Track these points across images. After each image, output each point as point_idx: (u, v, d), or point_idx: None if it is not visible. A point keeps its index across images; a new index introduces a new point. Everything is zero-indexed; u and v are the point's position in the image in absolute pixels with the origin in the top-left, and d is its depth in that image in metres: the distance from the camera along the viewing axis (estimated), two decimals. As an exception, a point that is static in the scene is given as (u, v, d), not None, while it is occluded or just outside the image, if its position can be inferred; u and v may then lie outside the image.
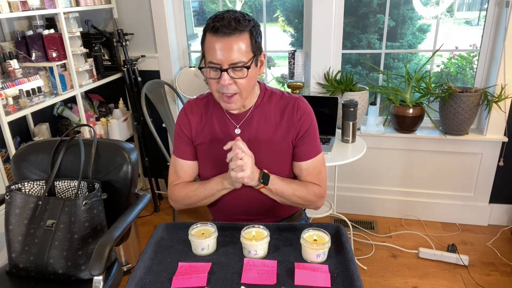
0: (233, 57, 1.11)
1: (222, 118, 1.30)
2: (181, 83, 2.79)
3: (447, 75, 2.87)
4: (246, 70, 1.14)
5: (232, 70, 1.13)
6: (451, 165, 2.58)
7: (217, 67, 1.13)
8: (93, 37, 2.61)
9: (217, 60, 1.12)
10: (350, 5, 2.63)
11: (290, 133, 1.28)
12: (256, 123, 1.28)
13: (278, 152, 1.29)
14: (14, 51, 2.20)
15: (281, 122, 1.28)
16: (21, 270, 1.42)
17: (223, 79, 1.13)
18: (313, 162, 1.30)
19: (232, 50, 1.11)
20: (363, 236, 2.58)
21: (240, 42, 1.11)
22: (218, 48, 1.11)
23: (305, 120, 1.28)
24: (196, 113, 1.32)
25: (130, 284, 1.01)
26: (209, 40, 1.12)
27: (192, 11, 2.91)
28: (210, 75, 1.16)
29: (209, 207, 1.45)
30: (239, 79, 1.15)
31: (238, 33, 1.10)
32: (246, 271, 1.03)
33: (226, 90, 1.16)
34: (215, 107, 1.31)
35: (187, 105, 1.34)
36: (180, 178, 1.36)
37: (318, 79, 2.61)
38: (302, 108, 1.28)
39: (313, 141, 1.30)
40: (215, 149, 1.29)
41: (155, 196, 3.00)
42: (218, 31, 1.09)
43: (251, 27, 1.13)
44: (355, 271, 1.03)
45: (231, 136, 1.28)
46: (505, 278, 2.18)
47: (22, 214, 1.42)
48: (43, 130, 2.44)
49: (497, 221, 2.65)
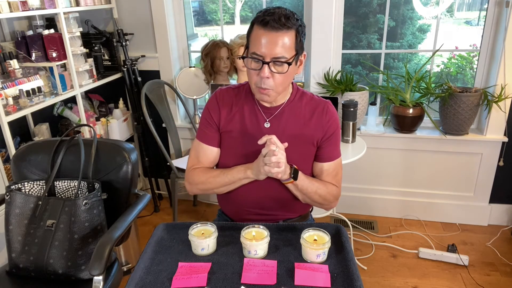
0: (276, 52, 1.14)
1: (254, 110, 1.32)
2: (181, 83, 2.79)
3: (447, 75, 2.87)
4: (287, 66, 1.17)
5: (273, 64, 1.16)
6: (451, 165, 2.58)
7: (260, 58, 1.16)
8: (93, 37, 2.61)
9: (261, 52, 1.15)
10: (350, 5, 2.63)
11: (317, 133, 1.32)
12: (285, 119, 1.31)
13: (303, 150, 1.32)
14: (14, 51, 2.20)
15: (310, 121, 1.32)
16: (21, 270, 1.42)
17: (263, 72, 1.16)
18: (333, 164, 1.35)
19: (277, 45, 1.14)
20: (363, 236, 2.58)
21: (285, 38, 1.14)
22: (264, 41, 1.14)
23: (332, 123, 1.33)
24: (227, 101, 1.34)
25: (130, 284, 1.01)
26: (256, 32, 1.16)
27: (192, 11, 2.91)
28: (251, 66, 1.19)
29: (220, 198, 1.45)
30: (278, 74, 1.18)
31: (285, 29, 1.14)
32: (246, 271, 1.03)
33: (263, 85, 1.19)
34: (248, 98, 1.33)
35: (219, 92, 1.37)
36: (201, 162, 1.37)
37: (318, 79, 2.61)
38: (330, 112, 1.33)
39: (336, 144, 1.35)
40: (242, 139, 1.32)
41: (155, 196, 3.00)
42: (267, 24, 1.13)
43: (298, 26, 1.17)
44: (355, 271, 1.03)
45: (260, 129, 1.31)
46: (505, 278, 2.18)
47: (22, 214, 1.42)
48: (43, 130, 2.44)
49: (497, 221, 2.65)
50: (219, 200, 1.47)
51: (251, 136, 1.30)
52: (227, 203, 1.44)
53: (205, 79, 2.70)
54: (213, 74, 2.63)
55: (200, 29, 3.10)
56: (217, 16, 3.01)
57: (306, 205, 1.41)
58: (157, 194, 3.06)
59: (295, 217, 1.43)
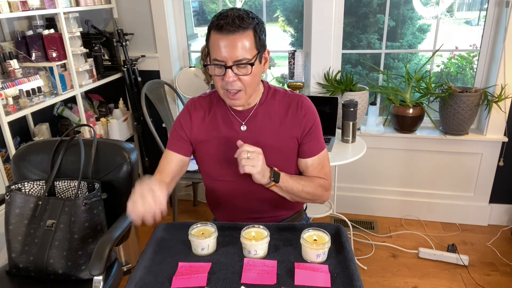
0: (237, 54, 1.13)
1: (227, 116, 1.30)
2: (181, 83, 2.79)
3: (447, 75, 2.87)
4: (250, 67, 1.16)
5: (237, 67, 1.15)
6: (451, 165, 2.58)
7: (222, 64, 1.15)
8: (93, 37, 2.61)
9: (222, 57, 1.13)
10: (350, 5, 2.63)
11: (295, 130, 1.29)
12: (261, 119, 1.30)
13: (284, 149, 1.30)
14: (14, 51, 2.20)
15: (285, 119, 1.29)
16: (21, 270, 1.42)
17: (227, 76, 1.15)
18: (317, 158, 1.33)
19: (236, 47, 1.12)
20: (363, 236, 2.58)
21: (244, 39, 1.13)
22: (222, 46, 1.12)
23: (309, 117, 1.30)
24: (199, 110, 1.33)
25: (130, 284, 1.01)
26: (214, 37, 1.14)
27: (192, 11, 2.91)
28: (215, 72, 1.18)
29: (211, 208, 1.45)
30: (243, 76, 1.16)
31: (242, 31, 1.12)
32: (246, 271, 1.03)
33: (231, 87, 1.17)
34: (219, 105, 1.32)
35: (190, 103, 1.35)
36: (160, 171, 1.31)
37: (318, 79, 2.61)
38: (305, 106, 1.30)
39: (317, 138, 1.32)
40: (221, 146, 1.30)
41: (155, 196, 3.00)
42: (222, 28, 1.11)
43: (255, 24, 1.15)
44: (355, 271, 1.03)
45: (237, 133, 1.29)
46: (505, 278, 2.18)
47: (22, 214, 1.42)
48: (43, 130, 2.44)
49: (497, 221, 2.65)
50: (211, 209, 1.46)
51: (230, 142, 1.27)
52: (218, 213, 1.44)
53: (205, 79, 2.69)
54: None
55: (200, 29, 3.10)
56: (217, 16, 3.00)
57: (293, 206, 1.40)
58: (157, 194, 3.06)
59: (293, 214, 1.42)
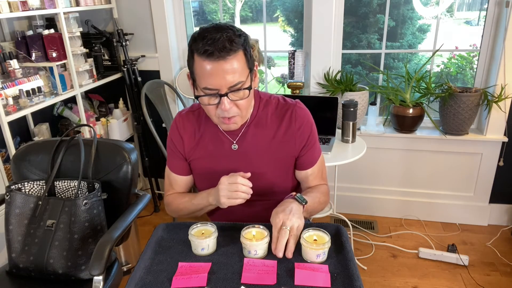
0: (232, 80, 1.03)
1: (217, 135, 1.24)
2: (181, 83, 2.79)
3: (447, 75, 2.87)
4: (248, 91, 1.08)
5: (232, 94, 1.06)
6: (451, 165, 2.58)
7: (214, 92, 1.05)
8: (93, 37, 2.61)
9: (214, 85, 1.03)
10: (350, 5, 2.63)
11: (290, 144, 1.23)
12: (252, 136, 1.23)
13: (279, 163, 1.26)
14: (14, 51, 2.20)
15: (278, 133, 1.23)
16: (21, 270, 1.42)
17: (223, 104, 1.05)
18: (317, 166, 1.30)
19: (230, 73, 1.02)
20: (363, 236, 2.58)
21: (236, 62, 1.02)
22: (213, 73, 1.02)
23: (304, 128, 1.23)
24: (188, 128, 1.26)
25: (130, 284, 1.01)
26: (200, 64, 1.03)
27: (192, 11, 2.91)
28: (208, 102, 1.08)
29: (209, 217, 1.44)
30: (240, 101, 1.08)
31: (233, 53, 1.01)
32: (246, 271, 1.03)
33: (228, 115, 1.09)
34: (208, 123, 1.24)
35: (178, 119, 1.28)
36: (174, 189, 1.35)
37: (318, 79, 2.61)
38: (300, 117, 1.23)
39: (314, 147, 1.28)
40: (211, 164, 1.26)
41: (155, 196, 3.00)
42: (212, 55, 1.00)
43: (243, 41, 1.05)
44: (355, 271, 1.03)
45: (228, 152, 1.24)
46: (505, 278, 2.18)
47: (22, 214, 1.42)
48: (43, 130, 2.44)
49: (497, 221, 2.65)
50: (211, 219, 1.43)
51: (220, 161, 1.22)
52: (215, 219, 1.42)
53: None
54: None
55: (200, 29, 3.10)
56: (217, 16, 3.01)
57: None
58: (157, 194, 3.06)
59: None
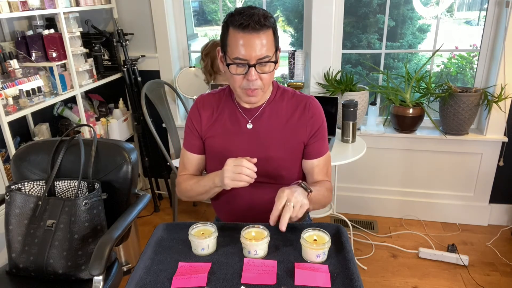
0: (261, 53, 1.14)
1: (234, 113, 1.31)
2: (181, 83, 2.79)
3: (447, 75, 2.87)
4: (273, 64, 1.18)
5: (259, 66, 1.16)
6: (451, 165, 2.58)
7: (244, 62, 1.15)
8: (93, 37, 2.61)
9: (245, 56, 1.14)
10: (350, 5, 2.63)
11: (301, 131, 1.30)
12: (267, 118, 1.30)
13: (289, 149, 1.31)
14: (14, 51, 2.20)
15: (292, 119, 1.30)
16: (21, 270, 1.42)
17: (250, 75, 1.15)
18: (323, 159, 1.34)
19: (260, 46, 1.13)
20: (363, 236, 2.58)
21: (266, 37, 1.14)
22: (246, 44, 1.13)
23: (316, 118, 1.31)
24: (208, 107, 1.34)
25: (130, 284, 1.01)
26: (235, 36, 1.14)
27: (192, 11, 2.91)
28: (236, 71, 1.18)
29: (215, 207, 1.45)
30: (264, 74, 1.18)
31: (265, 29, 1.13)
32: (246, 271, 1.03)
33: (252, 86, 1.18)
34: (228, 102, 1.33)
35: (199, 99, 1.36)
36: (187, 169, 1.39)
37: (318, 79, 2.61)
38: (313, 107, 1.31)
39: (323, 139, 1.34)
40: (225, 143, 1.31)
41: (155, 196, 3.00)
42: (248, 27, 1.11)
43: (273, 22, 1.17)
44: (355, 271, 1.03)
45: (242, 130, 1.30)
46: (505, 278, 2.18)
47: (22, 214, 1.42)
48: (43, 130, 2.44)
49: (497, 221, 2.65)
50: (215, 207, 1.46)
51: (234, 139, 1.30)
52: (222, 211, 1.43)
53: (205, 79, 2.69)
54: (213, 74, 2.63)
55: (200, 29, 3.11)
56: (217, 16, 3.01)
57: None
58: (157, 194, 3.06)
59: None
